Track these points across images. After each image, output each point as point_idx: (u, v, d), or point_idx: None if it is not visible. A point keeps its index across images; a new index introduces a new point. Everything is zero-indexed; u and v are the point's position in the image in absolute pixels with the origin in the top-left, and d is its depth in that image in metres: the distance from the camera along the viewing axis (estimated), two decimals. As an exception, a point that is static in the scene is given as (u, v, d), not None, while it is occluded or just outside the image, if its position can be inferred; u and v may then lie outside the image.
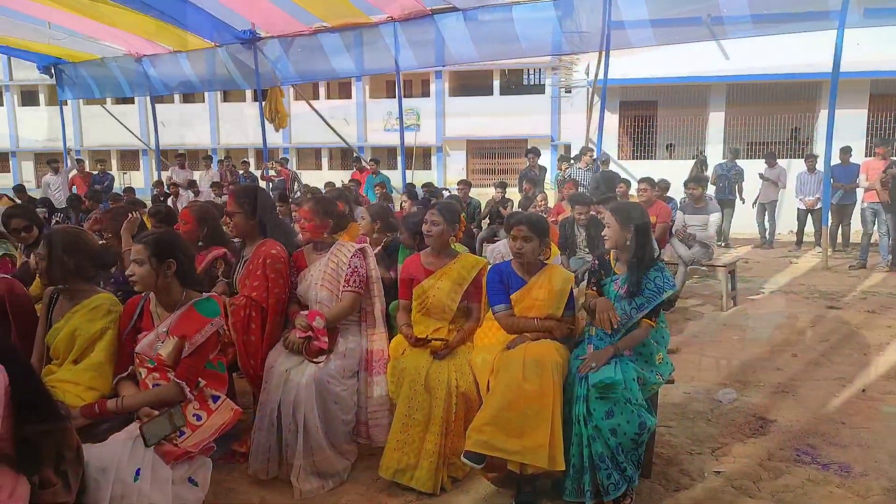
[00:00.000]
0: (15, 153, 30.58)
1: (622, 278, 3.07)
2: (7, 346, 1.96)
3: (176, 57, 11.61)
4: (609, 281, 3.12)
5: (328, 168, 28.35)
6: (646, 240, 3.05)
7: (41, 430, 1.97)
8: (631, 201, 3.29)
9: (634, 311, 2.98)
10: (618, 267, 3.14)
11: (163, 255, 2.58)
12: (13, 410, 1.90)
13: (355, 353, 3.28)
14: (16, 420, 1.92)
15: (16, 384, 1.90)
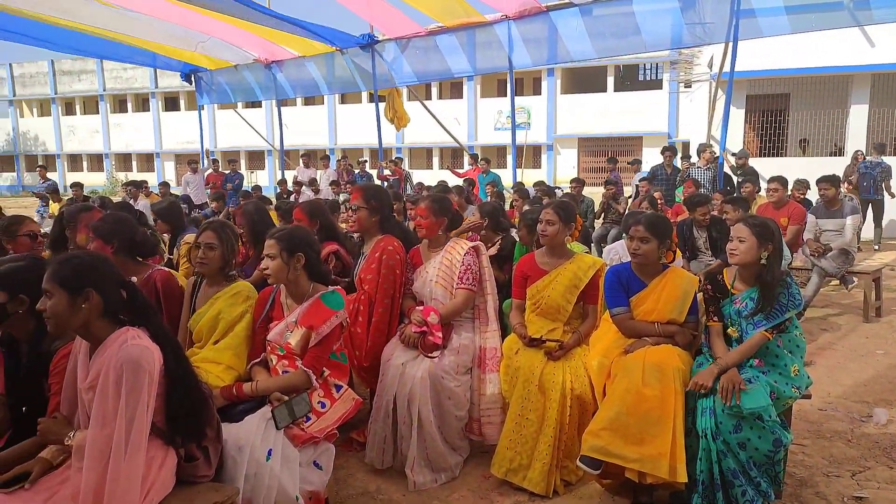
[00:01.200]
0: (159, 154, 33.59)
1: (743, 296, 2.87)
2: (162, 329, 2.15)
3: (301, 61, 12.25)
4: (727, 302, 2.92)
5: (439, 167, 28.82)
6: (779, 259, 2.84)
7: (187, 407, 2.16)
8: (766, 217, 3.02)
9: (751, 327, 2.79)
10: (737, 285, 2.92)
11: (293, 250, 2.73)
12: (165, 388, 2.09)
13: (469, 350, 3.31)
14: (167, 397, 2.11)
15: (168, 363, 2.09)
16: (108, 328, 2.07)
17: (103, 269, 2.11)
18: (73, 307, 2.01)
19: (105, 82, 33.93)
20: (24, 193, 31.85)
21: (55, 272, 2.04)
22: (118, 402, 1.95)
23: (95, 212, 3.79)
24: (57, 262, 2.09)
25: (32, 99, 36.49)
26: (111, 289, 2.09)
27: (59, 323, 2.04)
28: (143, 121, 33.84)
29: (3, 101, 36.89)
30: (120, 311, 2.12)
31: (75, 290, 2.02)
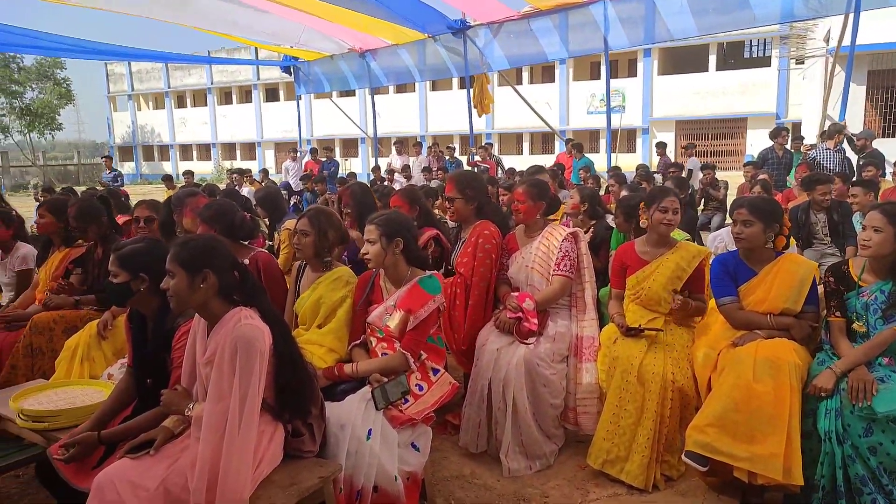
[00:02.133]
0: (260, 143, 35.24)
1: (872, 289, 2.63)
2: (271, 310, 2.25)
3: (394, 49, 12.43)
4: (853, 295, 2.69)
5: (529, 152, 28.50)
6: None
7: (294, 384, 2.25)
8: None
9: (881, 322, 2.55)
10: (865, 277, 2.68)
11: (392, 235, 2.77)
12: (274, 366, 2.19)
13: (565, 338, 3.25)
14: (275, 374, 2.21)
15: (277, 343, 2.19)
16: (223, 307, 2.19)
17: (219, 252, 2.23)
18: (192, 287, 2.14)
19: (213, 76, 35.90)
20: (141, 181, 34.39)
21: (177, 254, 2.17)
22: (233, 378, 2.06)
23: (200, 198, 4.01)
24: (178, 245, 2.22)
25: (148, 93, 39.21)
26: (226, 270, 2.20)
27: (180, 301, 2.18)
28: (246, 112, 35.57)
29: (122, 95, 39.88)
30: (233, 292, 2.23)
31: (194, 271, 2.14)
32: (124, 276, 2.41)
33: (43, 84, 34.08)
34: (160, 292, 2.34)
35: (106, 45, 11.04)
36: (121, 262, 2.42)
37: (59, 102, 34.59)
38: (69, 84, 35.18)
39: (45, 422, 2.59)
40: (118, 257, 2.43)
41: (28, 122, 33.92)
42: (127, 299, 2.46)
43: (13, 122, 34.03)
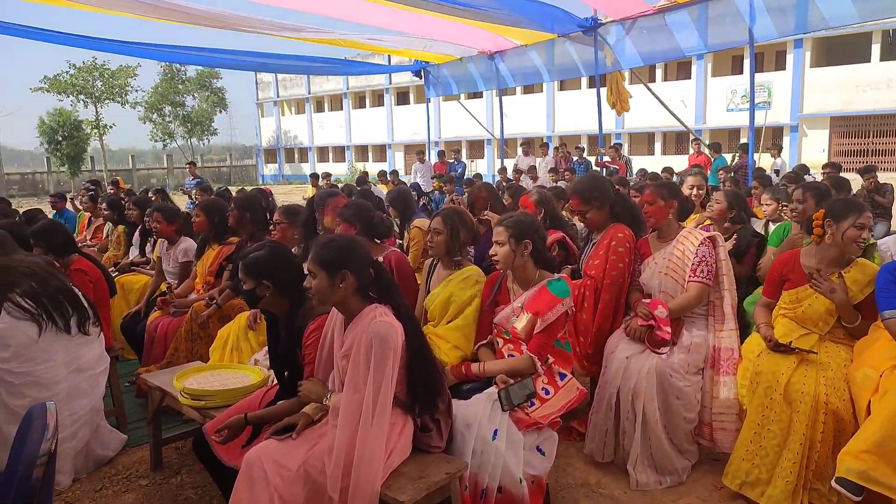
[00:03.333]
0: (390, 145, 36.57)
1: None
2: (404, 307, 2.33)
3: (523, 50, 12.39)
4: None
5: (661, 153, 27.26)
6: None
7: (424, 380, 2.32)
8: None
9: None
10: None
11: (520, 237, 2.77)
12: (406, 361, 2.27)
13: (701, 349, 3.08)
14: (407, 369, 2.29)
15: (409, 339, 2.26)
16: (360, 304, 2.31)
17: (357, 252, 2.35)
18: (332, 286, 2.27)
19: (349, 81, 37.76)
20: (283, 181, 36.92)
21: (317, 255, 2.31)
22: (368, 371, 2.16)
23: (340, 198, 4.22)
24: (319, 246, 2.36)
25: (291, 99, 42.01)
26: (363, 269, 2.31)
27: (321, 299, 2.32)
28: (379, 115, 37.07)
29: (269, 102, 43.04)
30: (369, 289, 2.34)
31: (334, 271, 2.26)
32: (250, 284, 2.53)
33: (201, 93, 37.68)
34: (287, 294, 2.50)
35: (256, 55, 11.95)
36: (245, 270, 2.54)
37: (214, 110, 38.09)
38: (223, 93, 38.62)
39: (203, 401, 2.86)
40: (243, 266, 2.56)
41: (189, 128, 37.65)
42: (257, 303, 2.62)
43: (177, 128, 37.90)
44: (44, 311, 3.07)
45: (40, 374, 3.03)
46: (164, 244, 4.94)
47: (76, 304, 3.23)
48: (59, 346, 3.11)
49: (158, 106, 36.97)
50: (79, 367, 3.17)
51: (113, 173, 29.90)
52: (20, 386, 3.00)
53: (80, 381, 3.17)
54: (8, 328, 3.02)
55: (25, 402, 3.04)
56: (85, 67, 32.42)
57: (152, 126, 37.59)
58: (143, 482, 3.21)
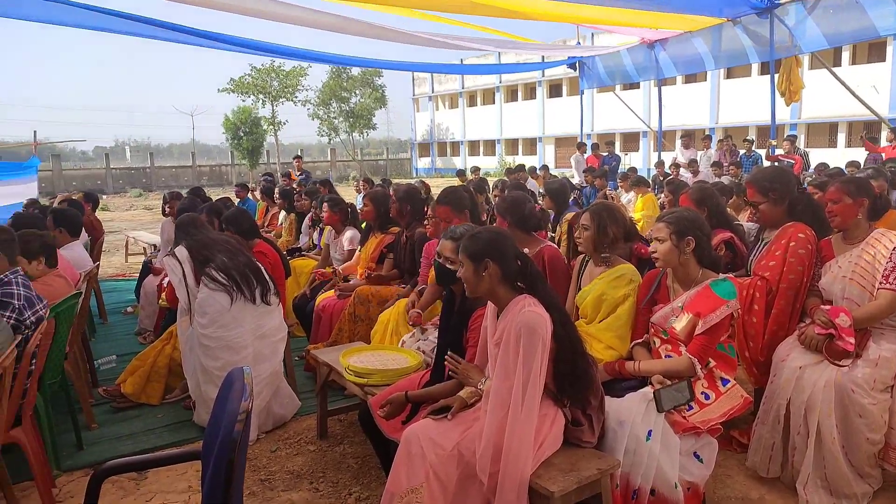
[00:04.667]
0: (541, 138, 36.32)
1: None
2: (552, 298, 2.35)
3: (687, 37, 11.71)
4: None
5: (845, 145, 24.46)
6: None
7: (573, 372, 2.32)
8: None
9: None
10: None
11: (682, 233, 2.66)
12: (554, 352, 2.28)
13: (891, 364, 2.76)
14: (555, 360, 2.30)
15: (557, 330, 2.27)
16: (508, 294, 2.36)
17: (501, 243, 2.40)
18: (477, 274, 2.34)
19: (501, 75, 38.02)
20: (435, 175, 38.08)
21: (464, 246, 2.40)
22: (517, 359, 2.21)
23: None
24: (467, 238, 2.45)
25: (445, 94, 43.17)
26: (508, 260, 2.36)
27: (469, 287, 2.40)
28: (530, 108, 36.94)
29: (424, 97, 44.59)
30: (516, 279, 2.38)
31: (477, 261, 2.34)
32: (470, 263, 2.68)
33: (364, 90, 39.95)
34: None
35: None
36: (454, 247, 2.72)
37: (374, 105, 40.23)
38: (384, 90, 40.65)
39: (365, 378, 3.08)
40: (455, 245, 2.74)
41: (351, 123, 40.11)
42: (451, 281, 2.79)
43: (341, 123, 40.54)
44: (234, 284, 3.50)
45: (231, 339, 3.46)
46: (332, 232, 5.34)
47: (260, 277, 3.64)
48: (246, 315, 3.53)
49: (326, 103, 39.77)
50: (262, 333, 3.59)
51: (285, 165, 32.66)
52: (215, 349, 3.45)
53: (263, 346, 3.58)
54: (206, 298, 3.48)
55: (218, 363, 3.49)
56: (264, 69, 35.65)
57: (319, 122, 40.52)
58: (311, 448, 3.52)
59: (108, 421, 3.94)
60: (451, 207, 3.92)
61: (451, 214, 3.87)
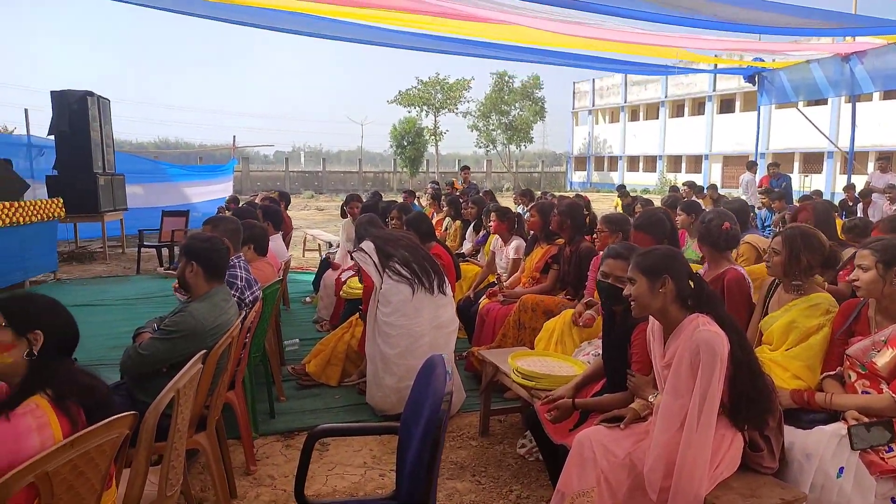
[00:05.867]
0: (707, 156, 34.37)
1: None
2: (727, 318, 2.30)
3: (888, 50, 10.56)
4: None
5: None
6: None
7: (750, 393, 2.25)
8: None
9: None
10: None
11: (890, 263, 2.48)
12: (730, 372, 2.23)
13: None
14: (731, 380, 2.24)
15: (733, 350, 2.22)
16: (680, 313, 2.33)
17: (677, 261, 2.39)
18: (653, 292, 2.34)
19: (668, 89, 36.58)
20: (590, 189, 37.43)
21: (638, 262, 2.40)
22: (691, 379, 2.19)
23: None
24: (639, 254, 2.45)
25: (606, 108, 42.37)
26: (682, 278, 2.34)
27: (640, 306, 2.39)
28: (697, 124, 35.11)
29: (584, 111, 44.09)
30: (688, 298, 2.35)
31: (654, 277, 2.33)
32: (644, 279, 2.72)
33: (524, 103, 40.35)
34: None
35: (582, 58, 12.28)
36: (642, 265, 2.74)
37: (533, 118, 40.47)
38: (544, 103, 40.79)
39: (533, 381, 3.19)
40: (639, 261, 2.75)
41: (509, 135, 40.67)
42: (617, 301, 2.81)
43: (499, 135, 41.26)
44: (415, 276, 3.79)
45: (411, 328, 3.76)
46: (498, 240, 5.54)
47: (437, 269, 3.92)
48: (425, 305, 3.81)
49: (486, 115, 40.70)
50: (438, 324, 3.86)
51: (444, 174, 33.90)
52: (395, 337, 3.76)
53: (438, 336, 3.85)
54: (390, 288, 3.81)
55: (397, 350, 3.79)
56: (429, 82, 37.31)
57: (478, 133, 41.53)
58: (473, 443, 3.70)
59: (293, 396, 4.41)
60: (648, 235, 3.75)
61: (649, 242, 3.61)
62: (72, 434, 1.62)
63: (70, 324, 1.83)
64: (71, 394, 1.71)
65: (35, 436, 1.60)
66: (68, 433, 1.64)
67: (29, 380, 1.71)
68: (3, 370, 1.74)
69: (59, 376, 1.71)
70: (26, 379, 1.72)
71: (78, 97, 10.12)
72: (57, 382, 1.70)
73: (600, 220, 4.56)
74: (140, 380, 2.75)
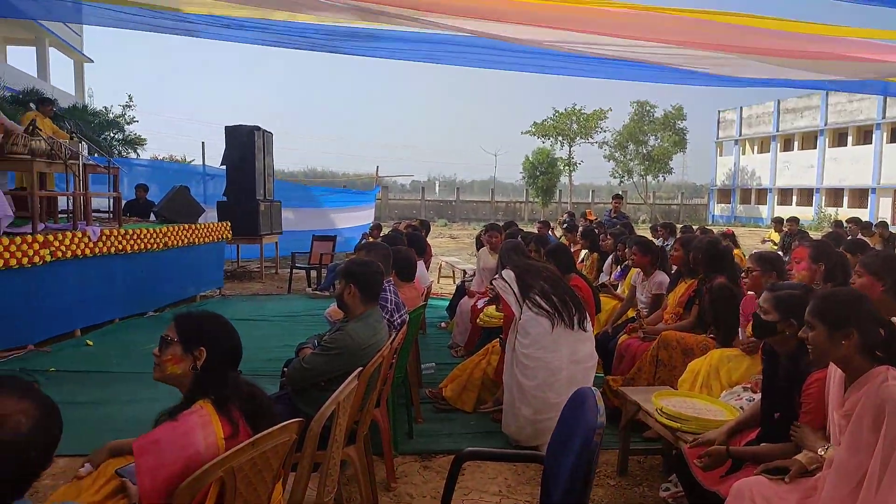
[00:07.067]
0: (874, 189, 31.11)
1: None
2: None
3: None
4: None
5: None
6: None
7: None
8: None
9: None
10: None
11: None
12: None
13: None
14: None
15: None
16: (865, 364, 2.13)
17: (864, 308, 2.18)
18: (833, 342, 2.14)
19: (827, 117, 33.74)
20: (734, 223, 35.18)
21: (817, 307, 2.22)
22: (873, 436, 1.99)
23: None
24: (819, 297, 2.27)
25: (755, 138, 39.83)
26: (870, 327, 2.13)
27: (818, 354, 2.21)
28: (863, 154, 31.97)
29: (729, 140, 41.75)
30: (877, 349, 2.15)
31: (836, 326, 2.14)
32: (773, 316, 2.60)
33: (664, 133, 39.01)
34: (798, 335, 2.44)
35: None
36: (774, 302, 2.62)
37: (673, 149, 38.96)
38: (685, 133, 39.21)
39: (679, 423, 3.05)
40: (773, 297, 2.63)
41: (647, 166, 39.41)
42: (769, 336, 2.66)
43: (636, 166, 40.11)
44: (555, 309, 3.79)
45: (549, 361, 3.75)
46: (640, 275, 5.38)
47: (578, 304, 3.88)
48: (564, 339, 3.79)
49: (623, 145, 39.79)
50: (577, 359, 3.82)
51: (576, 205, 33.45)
52: (533, 369, 3.77)
53: (576, 371, 3.80)
54: (529, 320, 3.83)
55: (534, 382, 3.79)
56: (565, 113, 37.22)
57: (614, 163, 40.65)
58: (611, 482, 3.59)
59: (429, 418, 4.54)
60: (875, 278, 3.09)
61: None
62: (232, 436, 1.82)
63: (233, 341, 2.04)
64: (232, 400, 1.91)
65: (199, 432, 1.80)
66: (228, 435, 1.83)
67: (193, 389, 1.94)
68: (174, 379, 1.99)
69: (220, 386, 1.92)
70: (191, 388, 1.95)
71: (247, 131, 11.23)
72: (219, 390, 1.91)
73: (751, 257, 4.27)
74: (301, 391, 2.99)
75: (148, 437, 1.76)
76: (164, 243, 8.03)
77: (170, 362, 1.97)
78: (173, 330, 2.00)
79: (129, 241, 7.36)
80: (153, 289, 7.97)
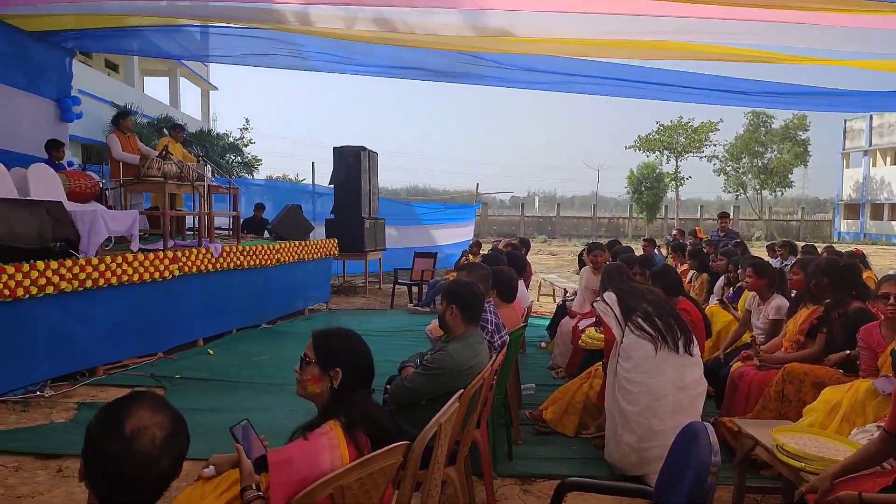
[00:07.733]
0: None
1: None
2: None
3: None
4: None
5: None
6: None
7: None
8: None
9: None
10: None
11: None
12: None
13: None
14: None
15: None
16: None
17: None
18: None
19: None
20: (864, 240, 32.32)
21: None
22: None
23: None
24: None
25: (887, 147, 36.50)
26: None
27: None
28: None
29: (857, 151, 38.51)
30: None
31: None
32: None
33: (784, 145, 36.59)
34: None
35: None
36: None
37: (794, 161, 36.43)
38: (807, 145, 36.57)
39: (803, 462, 2.83)
40: None
41: (763, 180, 37.09)
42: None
43: (750, 180, 37.86)
44: (658, 333, 3.63)
45: (652, 387, 3.60)
46: (755, 298, 5.06)
47: (683, 327, 3.70)
48: (669, 364, 3.62)
49: (736, 157, 37.71)
50: (683, 385, 3.63)
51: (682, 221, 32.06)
52: (636, 394, 3.63)
53: (682, 398, 3.62)
54: (631, 343, 3.70)
55: (637, 408, 3.65)
56: (671, 126, 35.87)
57: (726, 177, 38.59)
58: (726, 522, 3.38)
59: (529, 441, 4.47)
60: None
61: None
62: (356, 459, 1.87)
63: (367, 360, 2.10)
64: (360, 423, 1.96)
65: (326, 454, 1.86)
66: (353, 458, 1.88)
67: (328, 408, 2.01)
68: (314, 397, 2.07)
69: (353, 407, 1.98)
70: (326, 406, 2.02)
71: (354, 151, 11.70)
72: (350, 412, 1.97)
73: (886, 281, 3.91)
74: (403, 410, 3.05)
75: (283, 452, 1.86)
76: (276, 259, 8.49)
77: (309, 382, 2.05)
78: (311, 350, 2.08)
79: (247, 258, 7.85)
80: (266, 302, 8.44)
